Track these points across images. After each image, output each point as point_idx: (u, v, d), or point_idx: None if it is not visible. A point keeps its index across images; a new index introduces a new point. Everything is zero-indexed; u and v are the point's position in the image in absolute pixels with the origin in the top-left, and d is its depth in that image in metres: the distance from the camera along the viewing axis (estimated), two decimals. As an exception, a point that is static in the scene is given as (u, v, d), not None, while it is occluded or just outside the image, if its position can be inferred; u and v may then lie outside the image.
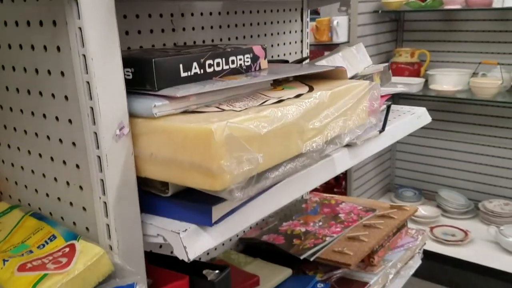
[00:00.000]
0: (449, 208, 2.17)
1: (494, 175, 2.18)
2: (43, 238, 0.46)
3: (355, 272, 0.92)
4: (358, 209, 1.05)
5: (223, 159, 0.41)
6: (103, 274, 0.43)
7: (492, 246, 1.91)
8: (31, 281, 0.39)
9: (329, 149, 0.59)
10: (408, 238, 1.03)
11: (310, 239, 0.94)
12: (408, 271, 0.99)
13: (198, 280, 0.54)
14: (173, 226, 0.48)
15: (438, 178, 2.33)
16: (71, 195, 0.49)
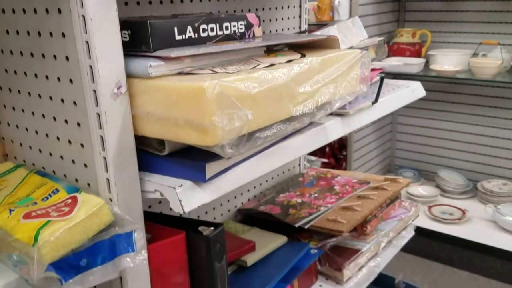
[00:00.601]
0: (448, 188, 2.20)
1: (493, 155, 2.20)
2: (47, 191, 0.49)
3: (348, 240, 0.95)
4: (353, 182, 1.08)
5: (214, 115, 0.44)
6: (104, 223, 0.46)
7: (489, 224, 1.94)
8: (35, 227, 0.42)
9: (319, 115, 0.61)
10: (401, 210, 1.06)
11: (305, 209, 0.97)
12: (400, 241, 1.02)
13: (194, 235, 0.57)
14: (170, 182, 0.51)
15: (437, 159, 2.36)
16: (73, 152, 0.51)
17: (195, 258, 0.58)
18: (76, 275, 0.43)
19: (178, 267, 0.57)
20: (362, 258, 0.91)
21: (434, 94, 2.24)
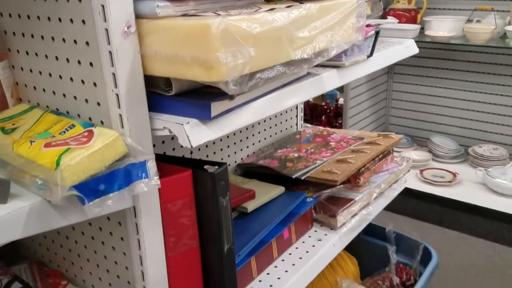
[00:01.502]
0: (439, 153, 2.25)
1: (485, 121, 2.25)
2: (63, 127, 0.53)
3: (342, 191, 1.00)
4: (348, 138, 1.12)
5: (219, 52, 0.47)
6: (119, 154, 0.50)
7: (479, 187, 2.00)
8: (56, 153, 0.46)
9: (317, 61, 0.65)
10: (393, 164, 1.11)
11: (302, 162, 1.02)
12: (391, 193, 1.07)
13: (200, 173, 0.61)
14: (177, 120, 0.54)
15: (430, 125, 2.40)
16: (86, 92, 0.55)
17: (201, 194, 0.62)
18: (96, 199, 0.47)
19: (186, 201, 0.61)
20: (355, 206, 0.96)
21: (428, 61, 2.26)
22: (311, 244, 0.90)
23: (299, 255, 0.87)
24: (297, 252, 0.88)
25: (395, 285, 1.02)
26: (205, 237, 0.65)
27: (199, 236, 0.65)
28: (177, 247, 0.62)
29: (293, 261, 0.86)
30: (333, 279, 1.09)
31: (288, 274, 0.82)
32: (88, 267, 0.69)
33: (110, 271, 0.65)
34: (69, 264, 0.73)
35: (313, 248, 0.89)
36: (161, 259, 0.60)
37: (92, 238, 0.66)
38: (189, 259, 0.65)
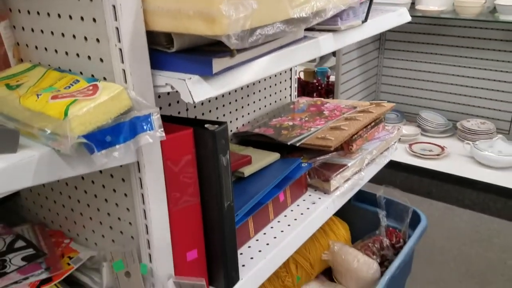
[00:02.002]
0: (428, 128, 2.30)
1: (473, 96, 2.29)
2: (68, 82, 0.54)
3: (335, 158, 1.03)
4: (341, 107, 1.14)
5: (221, 4, 0.49)
6: (124, 107, 0.51)
7: (467, 160, 2.05)
8: (64, 104, 0.47)
9: (315, 21, 0.66)
10: (384, 132, 1.13)
11: (297, 130, 1.04)
12: (382, 160, 1.10)
13: (201, 131, 0.63)
14: (179, 76, 0.56)
15: (419, 101, 2.44)
16: (88, 49, 0.56)
17: (202, 152, 0.64)
18: (103, 150, 0.49)
19: (187, 159, 0.63)
20: (347, 172, 0.99)
21: (418, 36, 2.28)
22: (305, 207, 0.93)
23: (294, 217, 0.90)
24: (292, 214, 0.91)
25: (385, 246, 1.06)
26: (206, 194, 0.67)
27: (200, 193, 0.67)
28: (179, 203, 0.64)
29: (288, 222, 0.88)
30: (326, 242, 1.12)
31: (283, 234, 0.85)
32: (91, 225, 0.71)
33: (114, 228, 0.67)
34: (71, 223, 0.74)
35: (307, 210, 0.92)
36: (164, 213, 0.62)
37: (95, 196, 0.68)
38: (191, 216, 0.67)
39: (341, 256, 1.07)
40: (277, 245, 0.82)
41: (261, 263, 0.78)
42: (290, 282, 1.06)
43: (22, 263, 0.67)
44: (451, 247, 1.73)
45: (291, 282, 1.06)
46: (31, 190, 0.79)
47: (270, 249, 0.81)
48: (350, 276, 1.06)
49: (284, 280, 1.05)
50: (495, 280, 1.56)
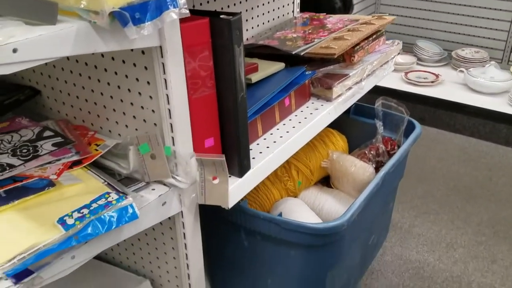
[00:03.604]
0: (424, 57, 2.33)
1: (468, 25, 2.30)
2: None
3: (337, 69, 1.07)
4: (343, 20, 1.17)
5: None
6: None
7: (460, 87, 2.11)
8: None
9: None
10: (384, 46, 1.17)
11: (301, 41, 1.08)
12: (382, 73, 1.15)
13: (217, 20, 0.67)
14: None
15: (416, 30, 2.45)
16: None
17: (218, 42, 0.68)
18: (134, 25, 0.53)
19: (204, 48, 0.67)
20: (349, 81, 1.04)
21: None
22: (309, 112, 0.99)
23: (298, 120, 0.96)
24: (297, 118, 0.97)
25: (380, 153, 1.14)
26: (221, 85, 0.72)
27: (216, 85, 0.72)
28: (197, 92, 0.70)
29: (293, 124, 0.95)
30: (325, 152, 1.20)
31: (289, 134, 0.91)
32: (114, 116, 0.76)
33: (137, 117, 0.73)
34: (94, 117, 0.80)
35: (310, 115, 0.98)
36: (185, 99, 0.68)
37: (118, 87, 0.72)
38: (208, 105, 0.72)
39: (339, 162, 1.15)
40: (283, 142, 0.89)
41: (269, 157, 0.85)
42: (292, 186, 1.14)
43: (53, 148, 0.72)
44: (441, 166, 1.83)
45: (293, 186, 1.14)
46: (53, 88, 0.83)
47: (277, 146, 0.87)
48: (347, 180, 1.14)
49: (286, 184, 1.13)
50: (481, 195, 1.68)
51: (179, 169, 0.71)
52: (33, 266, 0.55)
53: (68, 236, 0.58)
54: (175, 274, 0.87)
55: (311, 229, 0.82)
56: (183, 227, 0.78)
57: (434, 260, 1.40)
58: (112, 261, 0.99)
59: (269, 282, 0.97)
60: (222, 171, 0.69)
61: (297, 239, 0.84)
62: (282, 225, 0.83)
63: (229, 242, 0.97)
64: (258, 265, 0.96)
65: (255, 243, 0.92)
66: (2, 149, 0.72)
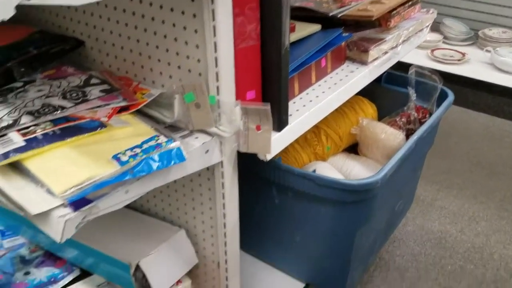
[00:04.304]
0: (450, 35, 2.30)
1: (497, 4, 2.27)
2: None
3: (373, 33, 1.08)
4: (379, -13, 1.17)
5: None
6: None
7: (486, 65, 2.09)
8: None
9: None
10: (420, 14, 1.17)
11: (337, 4, 1.08)
12: (416, 40, 1.15)
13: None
14: None
15: (443, 8, 2.42)
16: None
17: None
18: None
19: (253, -2, 0.68)
20: (385, 45, 1.05)
21: None
22: (344, 74, 1.00)
23: (333, 82, 0.97)
24: (332, 80, 0.98)
25: (412, 120, 1.14)
26: (267, 37, 0.73)
27: (261, 36, 0.73)
28: (243, 42, 0.71)
29: (328, 85, 0.96)
30: (355, 119, 1.21)
31: (324, 94, 0.92)
32: (158, 67, 0.78)
33: (182, 67, 0.74)
34: (138, 68, 0.81)
35: (346, 77, 0.99)
36: (231, 48, 0.69)
37: (165, 37, 0.74)
38: (252, 56, 0.73)
39: (369, 129, 1.16)
40: (319, 102, 0.90)
41: (305, 115, 0.86)
42: (321, 151, 1.16)
43: (100, 94, 0.75)
44: (465, 144, 1.83)
45: (322, 150, 1.16)
46: (97, 39, 0.85)
47: (313, 105, 0.89)
48: (376, 146, 1.15)
49: (316, 148, 1.15)
50: (504, 172, 1.67)
51: (222, 118, 0.73)
52: (91, 195, 0.58)
53: (123, 170, 0.60)
54: (210, 224, 0.90)
55: (346, 185, 0.84)
56: (222, 177, 0.80)
57: (456, 232, 1.42)
58: (148, 212, 1.02)
59: (297, 239, 1.00)
60: (266, 120, 0.70)
61: (330, 196, 0.86)
62: (316, 181, 0.85)
63: (259, 198, 0.99)
64: (287, 222, 0.98)
65: (286, 200, 0.95)
66: (52, 92, 0.75)
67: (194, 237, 0.95)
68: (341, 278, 1.01)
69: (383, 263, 1.30)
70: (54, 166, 0.61)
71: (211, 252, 0.93)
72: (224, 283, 0.94)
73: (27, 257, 1.01)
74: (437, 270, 1.28)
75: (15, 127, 0.64)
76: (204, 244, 0.94)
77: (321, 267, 1.01)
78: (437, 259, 1.32)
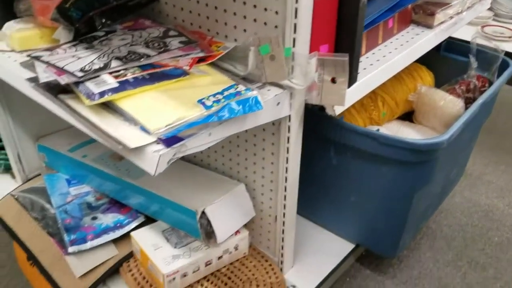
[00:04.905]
0: (501, 12, 2.23)
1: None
2: None
3: (438, -2, 1.06)
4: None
5: None
6: None
7: (540, 43, 2.02)
8: None
9: None
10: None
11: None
12: (480, 7, 1.13)
13: None
14: None
15: (497, -17, 2.33)
16: None
17: None
18: None
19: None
20: (451, 10, 1.03)
21: None
22: (410, 36, 1.00)
23: (400, 43, 0.97)
24: (398, 41, 0.98)
25: (472, 88, 1.13)
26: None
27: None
28: (322, -5, 0.72)
29: (394, 46, 0.96)
30: (412, 86, 1.20)
31: (391, 55, 0.93)
32: (233, 21, 0.79)
33: (258, 20, 0.76)
34: (212, 23, 0.83)
35: (412, 39, 0.98)
36: (311, 0, 0.70)
37: (242, -9, 0.75)
38: (329, 9, 0.74)
39: (428, 96, 1.15)
40: (386, 61, 0.90)
41: (372, 73, 0.87)
42: (376, 116, 1.16)
43: (180, 45, 0.77)
44: (513, 122, 1.80)
45: (377, 116, 1.16)
46: (173, -7, 0.88)
47: (380, 64, 0.89)
48: (434, 114, 1.15)
49: (372, 113, 1.16)
50: (555, 150, 1.64)
51: (296, 70, 0.75)
52: (181, 134, 0.61)
53: (209, 113, 0.63)
54: (270, 179, 0.92)
55: (411, 144, 0.85)
56: (288, 131, 0.82)
57: (504, 206, 1.41)
58: (207, 167, 1.06)
59: (352, 199, 1.01)
60: (342, 71, 0.72)
61: (394, 155, 0.87)
62: (380, 140, 0.87)
63: (314, 158, 1.01)
64: (343, 182, 1.00)
65: (344, 160, 0.96)
66: (135, 42, 0.78)
67: (252, 191, 0.98)
68: (394, 240, 1.03)
69: (430, 232, 1.31)
70: (146, 106, 0.64)
71: (268, 206, 0.97)
72: (280, 236, 0.97)
73: (93, 204, 1.06)
74: (484, 241, 1.29)
75: (106, 70, 0.68)
76: (262, 199, 0.97)
77: (374, 228, 1.03)
78: (484, 230, 1.32)
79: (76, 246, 0.94)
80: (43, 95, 0.69)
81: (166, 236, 0.95)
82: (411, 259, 1.23)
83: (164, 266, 0.88)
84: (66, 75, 0.64)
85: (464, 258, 1.24)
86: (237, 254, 0.99)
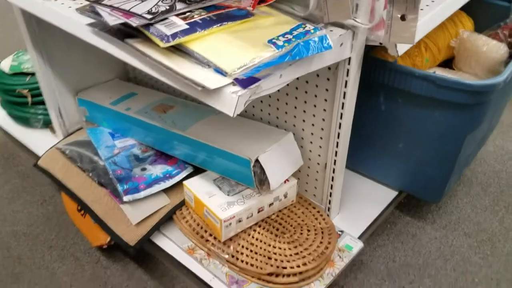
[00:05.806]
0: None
1: None
2: None
3: None
4: None
5: None
6: None
7: None
8: None
9: None
10: None
11: None
12: None
13: None
14: None
15: None
16: None
17: None
18: None
19: None
20: None
21: None
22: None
23: (438, -6, 0.94)
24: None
25: (517, 32, 1.11)
26: None
27: None
28: None
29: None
30: (454, 32, 1.18)
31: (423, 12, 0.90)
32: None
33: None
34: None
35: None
36: None
37: None
38: None
39: (470, 41, 1.13)
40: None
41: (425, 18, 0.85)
42: (419, 62, 1.14)
43: (238, -14, 0.75)
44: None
45: (420, 62, 1.15)
46: None
47: (429, 10, 0.87)
48: (476, 59, 1.13)
49: (415, 59, 1.14)
50: None
51: (360, 9, 0.73)
52: (257, 75, 0.61)
53: (283, 53, 0.62)
54: (321, 126, 0.92)
55: (469, 85, 0.84)
56: (347, 74, 0.81)
57: (538, 153, 1.42)
58: (253, 117, 1.06)
59: (400, 145, 1.02)
60: (413, 8, 0.70)
61: (449, 97, 0.87)
62: (437, 82, 0.86)
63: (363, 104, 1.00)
64: (392, 129, 1.00)
65: (394, 105, 0.95)
66: (191, -17, 0.75)
67: (300, 140, 0.98)
68: (440, 185, 1.04)
69: (466, 179, 1.32)
70: (217, 48, 0.63)
71: (317, 154, 0.97)
72: (329, 183, 0.98)
73: (140, 156, 1.07)
74: (519, 187, 1.30)
75: (173, 12, 0.66)
76: (310, 147, 0.97)
77: (420, 174, 1.04)
78: (519, 177, 1.33)
79: (130, 195, 0.96)
80: (108, 40, 0.68)
81: (218, 185, 0.96)
82: (449, 205, 1.25)
83: (221, 212, 0.89)
84: (135, 17, 0.63)
85: (501, 203, 1.25)
86: (285, 201, 1.01)
